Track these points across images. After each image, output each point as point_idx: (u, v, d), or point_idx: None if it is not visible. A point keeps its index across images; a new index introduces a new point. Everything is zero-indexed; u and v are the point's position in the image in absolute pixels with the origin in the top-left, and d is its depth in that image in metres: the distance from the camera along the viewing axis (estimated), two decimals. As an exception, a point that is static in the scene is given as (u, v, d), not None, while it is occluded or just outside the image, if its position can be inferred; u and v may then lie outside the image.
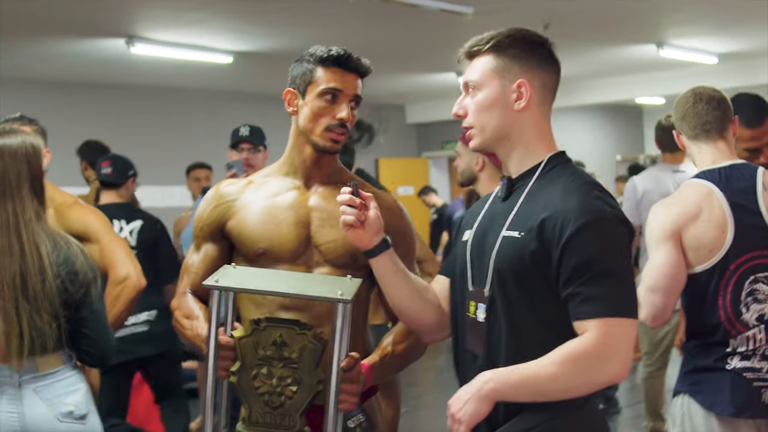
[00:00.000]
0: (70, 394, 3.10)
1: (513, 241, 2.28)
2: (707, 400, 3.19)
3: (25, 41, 9.26)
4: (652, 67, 12.91)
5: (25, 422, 3.00)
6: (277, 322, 2.34)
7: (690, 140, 3.38)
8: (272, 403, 2.31)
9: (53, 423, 3.04)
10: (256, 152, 5.13)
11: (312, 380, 2.31)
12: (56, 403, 3.06)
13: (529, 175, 2.37)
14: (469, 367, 2.39)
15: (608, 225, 2.23)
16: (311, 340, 2.30)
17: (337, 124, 2.67)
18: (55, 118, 10.62)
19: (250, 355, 2.31)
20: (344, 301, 2.25)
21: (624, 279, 2.22)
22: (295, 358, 2.30)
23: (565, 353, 2.18)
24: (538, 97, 2.37)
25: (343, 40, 3.37)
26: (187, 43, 9.70)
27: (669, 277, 3.17)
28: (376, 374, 2.60)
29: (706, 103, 3.33)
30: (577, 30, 9.88)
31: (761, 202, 3.20)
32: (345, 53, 2.69)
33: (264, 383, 2.30)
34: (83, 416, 3.11)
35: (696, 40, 11.11)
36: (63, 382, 3.10)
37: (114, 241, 3.99)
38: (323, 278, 2.51)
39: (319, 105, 2.68)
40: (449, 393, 2.35)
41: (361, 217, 2.42)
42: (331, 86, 2.67)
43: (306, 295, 2.35)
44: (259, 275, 2.45)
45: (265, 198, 2.75)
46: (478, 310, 2.35)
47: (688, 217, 3.18)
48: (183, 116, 12.31)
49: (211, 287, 2.28)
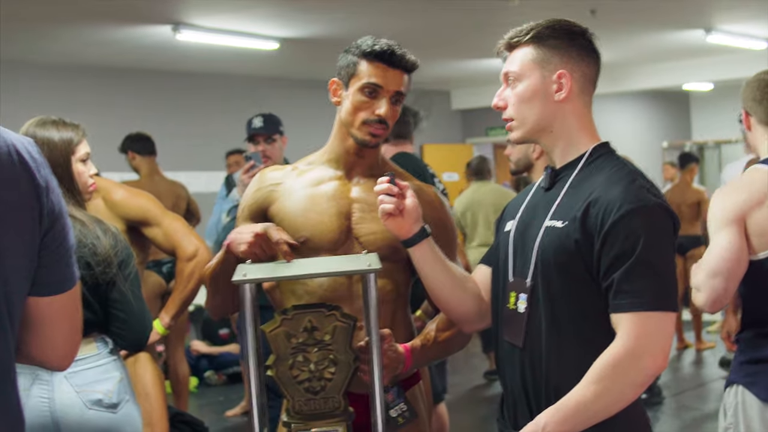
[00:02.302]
0: (101, 382, 3.12)
1: (557, 231, 2.26)
2: (764, 393, 3.10)
3: (71, 28, 9.33)
4: (699, 53, 12.77)
5: (54, 408, 3.03)
6: (303, 308, 2.34)
7: (762, 125, 3.29)
8: (313, 389, 2.31)
9: (81, 410, 3.06)
10: (272, 142, 5.13)
11: (348, 359, 2.31)
12: (85, 389, 3.08)
13: (572, 166, 2.35)
14: (509, 358, 2.38)
15: (652, 214, 2.20)
16: (341, 320, 2.30)
17: (375, 120, 2.65)
18: (100, 104, 10.77)
19: (284, 346, 2.31)
20: (374, 270, 2.23)
21: (663, 271, 2.19)
22: (328, 340, 2.30)
23: (597, 369, 2.17)
24: (578, 88, 2.35)
25: (388, 25, 3.37)
26: (232, 29, 9.71)
27: (731, 261, 3.05)
28: (417, 358, 2.60)
29: None
30: (624, 15, 9.79)
31: None
32: (389, 48, 2.65)
33: (302, 371, 2.30)
34: (114, 405, 3.12)
35: (744, 25, 10.97)
36: (95, 369, 3.12)
37: (174, 221, 4.05)
38: (344, 257, 2.51)
39: (359, 99, 2.66)
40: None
41: (400, 205, 2.42)
42: (372, 81, 2.64)
43: (334, 271, 2.35)
44: (282, 266, 2.44)
45: (308, 186, 2.75)
46: (519, 300, 2.33)
47: (753, 203, 3.10)
48: (228, 102, 12.35)
49: (240, 282, 2.25)
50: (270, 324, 2.32)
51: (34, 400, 3.02)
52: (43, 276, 1.81)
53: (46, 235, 1.79)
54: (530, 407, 2.31)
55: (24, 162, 1.76)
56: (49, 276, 1.83)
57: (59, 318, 1.88)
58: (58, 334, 1.89)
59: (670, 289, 2.21)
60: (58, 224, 1.82)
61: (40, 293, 1.83)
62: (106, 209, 3.89)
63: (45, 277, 1.82)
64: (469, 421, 7.42)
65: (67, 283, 1.87)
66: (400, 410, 2.64)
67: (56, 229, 1.81)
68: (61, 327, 1.89)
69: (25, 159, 1.76)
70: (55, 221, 1.81)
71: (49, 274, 1.83)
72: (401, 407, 2.65)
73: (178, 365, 6.81)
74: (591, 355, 2.20)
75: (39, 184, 1.77)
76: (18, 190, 1.74)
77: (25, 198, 1.75)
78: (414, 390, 2.78)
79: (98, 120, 4.41)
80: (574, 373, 2.22)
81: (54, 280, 1.84)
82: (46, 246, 1.80)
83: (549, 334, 2.27)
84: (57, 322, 1.88)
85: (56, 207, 1.82)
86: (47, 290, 1.84)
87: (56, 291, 1.85)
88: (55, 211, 1.81)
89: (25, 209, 1.75)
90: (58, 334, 1.89)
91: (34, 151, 1.80)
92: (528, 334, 2.31)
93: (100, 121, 5.34)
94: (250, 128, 5.17)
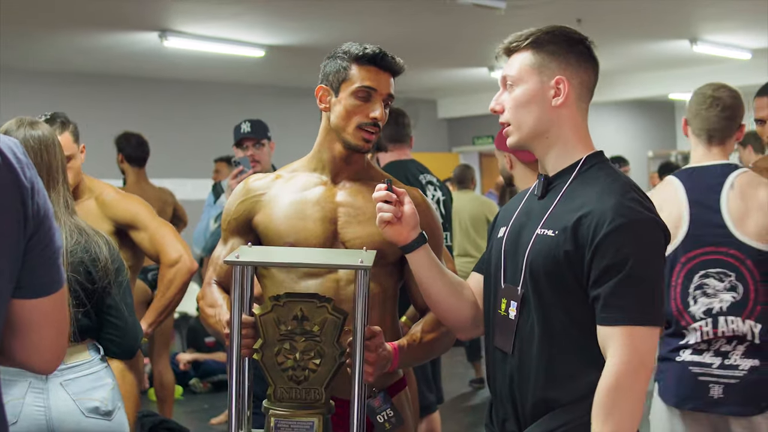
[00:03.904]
0: (97, 389, 3.11)
1: (547, 240, 2.26)
2: (659, 389, 3.38)
3: (59, 34, 9.32)
4: (684, 63, 12.83)
5: (51, 416, 3.01)
6: (296, 297, 2.35)
7: (693, 135, 3.49)
8: (296, 378, 2.32)
9: (78, 418, 3.05)
10: (260, 147, 5.11)
11: (334, 352, 2.33)
12: (82, 397, 3.07)
13: (566, 174, 2.35)
14: (499, 366, 2.39)
15: (643, 228, 2.20)
16: (332, 313, 2.31)
17: (370, 123, 2.67)
18: (88, 110, 10.74)
19: (272, 332, 2.32)
20: (364, 267, 2.24)
21: (651, 285, 2.19)
22: (316, 331, 2.31)
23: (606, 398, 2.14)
24: (575, 95, 2.35)
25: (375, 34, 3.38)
26: (219, 36, 9.73)
27: None
28: (403, 358, 2.60)
29: (721, 111, 3.43)
30: (610, 25, 9.83)
31: (723, 200, 3.30)
32: (380, 52, 2.68)
33: (287, 358, 2.32)
34: (109, 412, 3.12)
35: (729, 36, 11.03)
36: (90, 376, 3.11)
37: (162, 226, 4.01)
38: (341, 251, 2.52)
39: (352, 103, 2.67)
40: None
41: (398, 213, 2.43)
42: (366, 85, 2.66)
43: (327, 264, 2.36)
44: (278, 252, 2.46)
45: (293, 193, 2.76)
46: (510, 307, 2.34)
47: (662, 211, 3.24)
48: (214, 109, 12.35)
49: (232, 263, 2.28)
50: (261, 308, 2.33)
51: (29, 409, 3.01)
52: (28, 278, 1.78)
53: (32, 238, 1.76)
54: (517, 413, 2.31)
55: (8, 163, 1.72)
56: (35, 278, 1.79)
57: (45, 321, 1.84)
58: (44, 338, 1.86)
59: (656, 304, 2.20)
60: (43, 226, 1.79)
61: (25, 296, 1.79)
62: (97, 209, 3.90)
63: (30, 280, 1.79)
64: (456, 428, 7.42)
65: (54, 286, 1.84)
66: (386, 416, 2.64)
67: (42, 232, 1.78)
68: (48, 330, 1.86)
69: (9, 160, 1.73)
70: (41, 224, 1.78)
71: (34, 276, 1.79)
72: (387, 413, 2.65)
73: (163, 373, 6.79)
74: (581, 363, 2.22)
75: (24, 186, 1.74)
76: (2, 191, 1.71)
77: (10, 200, 1.72)
78: (400, 396, 2.79)
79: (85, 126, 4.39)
80: (563, 381, 2.24)
81: (39, 282, 1.81)
82: (32, 249, 1.77)
83: (540, 341, 2.26)
84: (43, 325, 1.84)
85: (42, 209, 1.78)
86: (32, 293, 1.80)
87: (42, 293, 1.82)
88: (41, 213, 1.78)
89: (9, 211, 1.72)
90: (44, 337, 1.86)
91: (19, 152, 1.77)
92: (517, 341, 2.31)
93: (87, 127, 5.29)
94: (239, 133, 5.16)
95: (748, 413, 3.26)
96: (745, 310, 3.27)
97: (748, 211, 3.28)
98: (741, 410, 3.26)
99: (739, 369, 3.26)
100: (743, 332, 3.26)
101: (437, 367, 5.41)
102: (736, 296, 3.28)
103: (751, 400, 3.26)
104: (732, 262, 3.28)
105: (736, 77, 13.12)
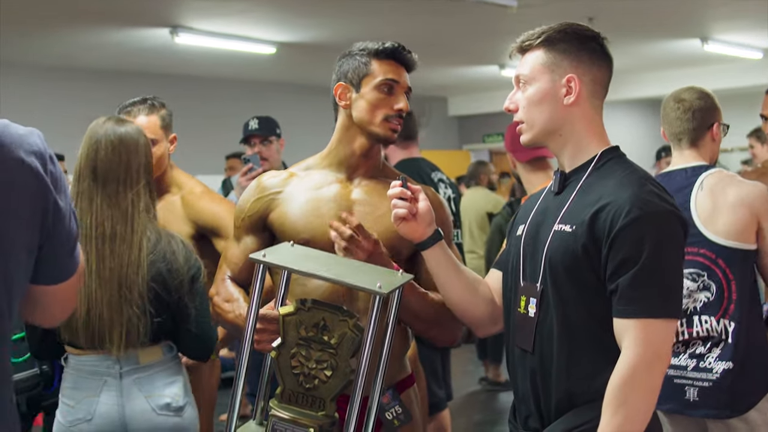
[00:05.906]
0: (168, 386, 3.14)
1: (565, 235, 2.26)
2: None
3: (70, 31, 9.34)
4: (695, 62, 12.82)
5: (124, 414, 3.05)
6: (322, 305, 2.34)
7: (669, 140, 3.60)
8: (305, 384, 2.32)
9: (150, 415, 3.08)
10: (268, 144, 5.11)
11: (346, 368, 2.31)
12: (154, 395, 3.10)
13: (582, 170, 2.35)
14: (519, 363, 2.39)
15: (660, 219, 2.19)
16: (351, 329, 2.30)
17: (395, 114, 2.71)
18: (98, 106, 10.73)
19: (292, 334, 2.32)
20: (379, 293, 2.22)
21: (669, 277, 2.19)
22: (334, 343, 2.30)
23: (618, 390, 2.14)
24: (588, 92, 2.35)
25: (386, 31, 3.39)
26: (230, 33, 9.74)
27: None
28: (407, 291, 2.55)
29: (683, 113, 3.53)
30: (621, 24, 9.82)
31: (692, 200, 3.33)
32: (399, 45, 2.74)
33: (300, 363, 2.31)
34: (180, 408, 3.14)
35: (740, 35, 11.02)
36: (162, 373, 3.14)
37: None
38: (372, 268, 2.44)
39: (376, 96, 2.71)
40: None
41: (413, 209, 2.45)
42: (389, 78, 2.71)
43: (344, 282, 2.35)
44: (311, 257, 2.43)
45: (308, 190, 2.77)
46: (529, 304, 2.34)
47: None
48: (225, 106, 12.36)
49: (256, 261, 2.29)
50: (287, 308, 2.33)
51: (103, 407, 3.05)
52: (45, 268, 1.84)
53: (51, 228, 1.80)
54: (540, 410, 2.31)
55: (31, 154, 1.75)
56: (52, 268, 1.86)
57: (54, 301, 1.96)
58: (57, 311, 2.01)
59: (672, 296, 2.20)
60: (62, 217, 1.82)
61: (43, 282, 1.86)
62: (181, 208, 3.77)
63: (45, 270, 1.84)
64: (465, 426, 7.42)
65: (70, 272, 1.91)
66: (395, 413, 2.64)
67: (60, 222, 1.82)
68: (62, 305, 2.00)
69: (33, 151, 1.76)
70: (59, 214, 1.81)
71: (49, 267, 1.85)
72: (396, 410, 2.65)
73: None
74: (602, 359, 2.21)
75: (44, 177, 1.77)
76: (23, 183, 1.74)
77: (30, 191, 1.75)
78: (409, 392, 2.79)
79: (96, 122, 4.41)
80: (585, 377, 2.24)
81: (52, 273, 1.87)
82: (50, 238, 1.81)
83: (560, 338, 2.27)
84: (58, 302, 1.97)
85: (61, 200, 1.81)
86: (50, 280, 1.88)
87: (53, 281, 1.89)
88: (60, 204, 1.81)
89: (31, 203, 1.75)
90: (57, 310, 2.01)
91: (40, 144, 1.79)
92: (538, 338, 2.31)
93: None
94: (246, 130, 5.16)
95: (724, 416, 3.27)
96: (719, 309, 3.28)
97: (717, 209, 3.30)
98: (716, 413, 3.27)
99: (713, 372, 3.27)
100: (717, 331, 3.27)
101: (447, 365, 5.40)
102: (710, 296, 3.29)
103: (725, 403, 3.26)
104: (703, 262, 3.30)
105: (747, 76, 13.12)
